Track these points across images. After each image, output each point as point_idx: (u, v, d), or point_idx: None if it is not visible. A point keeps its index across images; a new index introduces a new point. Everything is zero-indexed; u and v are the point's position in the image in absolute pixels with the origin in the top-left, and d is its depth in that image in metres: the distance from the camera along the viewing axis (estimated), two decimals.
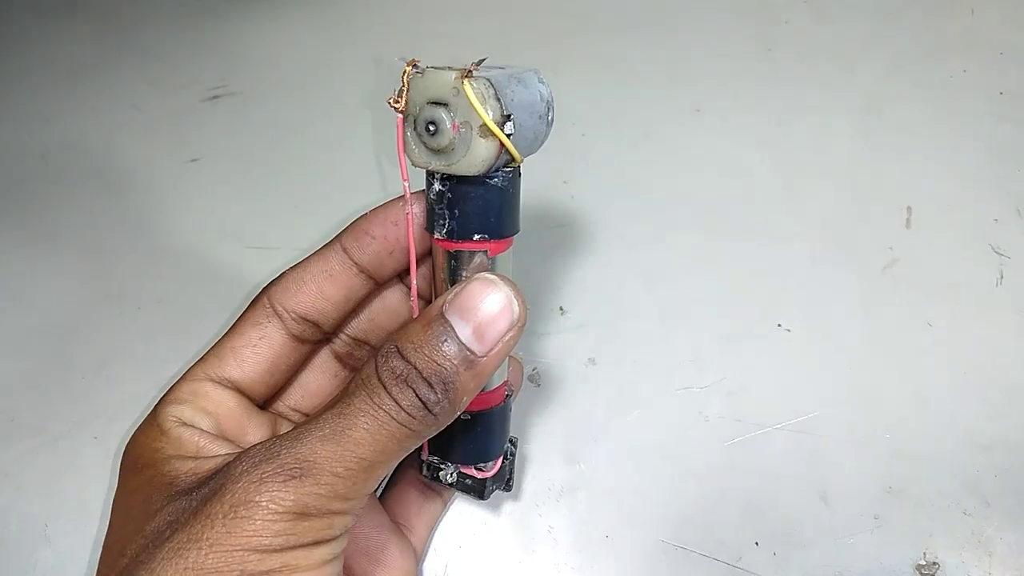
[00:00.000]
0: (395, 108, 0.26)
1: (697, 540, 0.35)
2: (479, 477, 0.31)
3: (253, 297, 0.30)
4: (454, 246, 0.27)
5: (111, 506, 0.27)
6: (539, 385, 0.40)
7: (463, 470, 0.31)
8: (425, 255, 0.29)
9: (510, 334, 0.26)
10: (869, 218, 0.44)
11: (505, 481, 0.33)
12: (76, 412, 0.40)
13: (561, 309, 0.42)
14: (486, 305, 0.25)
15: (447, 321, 0.25)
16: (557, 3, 0.52)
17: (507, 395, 0.31)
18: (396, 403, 0.24)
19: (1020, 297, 0.41)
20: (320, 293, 0.30)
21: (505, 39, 0.51)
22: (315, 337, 0.30)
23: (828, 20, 0.51)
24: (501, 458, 0.32)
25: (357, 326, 0.32)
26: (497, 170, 0.26)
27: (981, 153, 0.46)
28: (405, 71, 0.26)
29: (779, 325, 0.41)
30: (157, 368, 0.40)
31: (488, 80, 0.25)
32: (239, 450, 0.25)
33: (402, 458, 0.25)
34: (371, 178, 0.47)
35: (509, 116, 0.25)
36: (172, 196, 0.47)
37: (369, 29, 0.53)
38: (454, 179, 0.26)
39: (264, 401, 0.31)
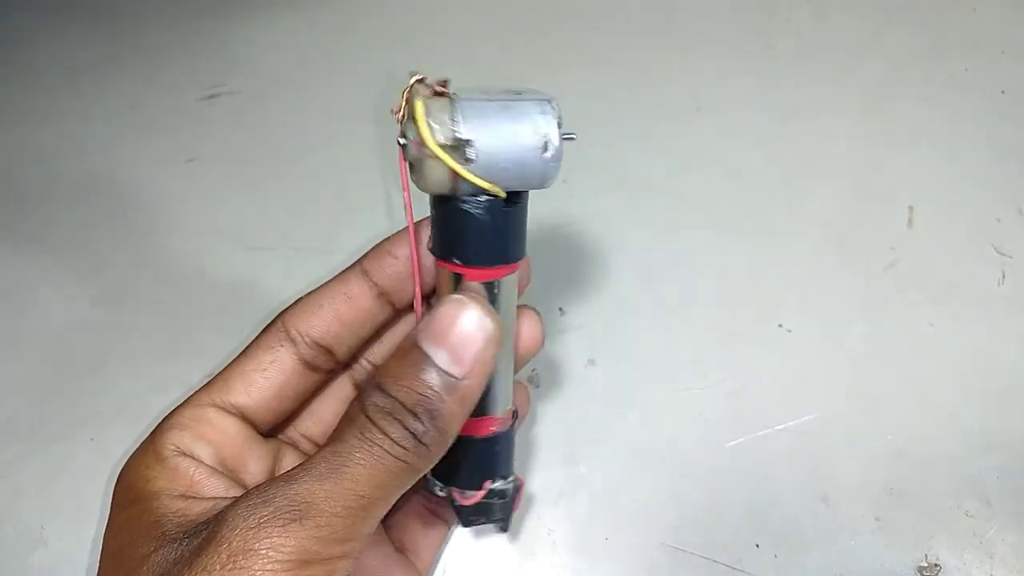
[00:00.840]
0: (396, 120, 0.26)
1: (697, 542, 0.35)
2: (458, 502, 0.30)
3: (263, 319, 0.30)
4: (437, 263, 0.28)
5: (102, 539, 0.26)
6: (538, 386, 0.39)
7: (450, 488, 0.31)
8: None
9: (488, 352, 0.25)
10: (871, 217, 0.44)
11: (497, 520, 0.32)
12: (73, 413, 0.40)
13: (561, 309, 0.42)
14: (458, 327, 0.25)
15: (421, 350, 0.25)
16: (557, 3, 0.52)
17: (495, 431, 0.30)
18: (387, 436, 0.24)
19: (1022, 297, 0.41)
20: (336, 316, 0.29)
21: (505, 39, 0.51)
22: (327, 366, 0.30)
23: (829, 18, 0.51)
24: (482, 493, 0.30)
25: (378, 351, 0.31)
26: (473, 195, 0.26)
27: (983, 152, 0.45)
28: (410, 85, 0.26)
29: (780, 325, 0.41)
30: (154, 369, 0.40)
31: (451, 101, 0.24)
32: (230, 494, 0.25)
33: (399, 495, 0.25)
34: (370, 178, 0.46)
35: (467, 141, 0.24)
36: (169, 196, 0.47)
37: (368, 29, 0.53)
38: (435, 195, 0.26)
39: (270, 429, 0.30)
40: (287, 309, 0.30)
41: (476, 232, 0.27)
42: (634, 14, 0.52)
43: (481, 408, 0.28)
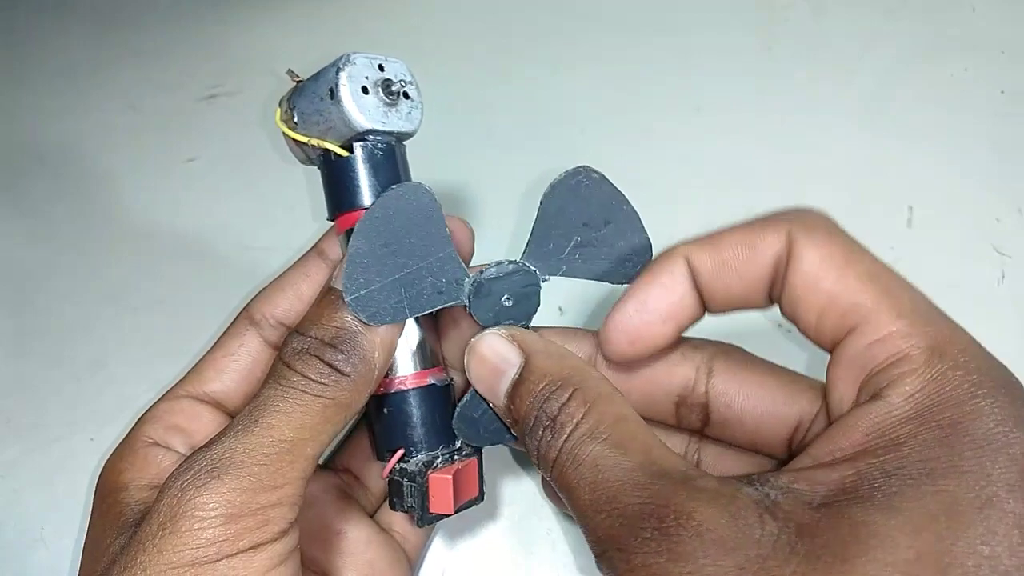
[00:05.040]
0: None
1: None
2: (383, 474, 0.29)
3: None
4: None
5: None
6: None
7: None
8: None
9: None
10: (870, 217, 0.44)
11: (410, 509, 0.28)
12: (72, 413, 0.40)
13: (560, 309, 0.42)
14: None
15: (336, 289, 0.26)
16: (557, 3, 0.52)
17: (395, 389, 0.28)
18: (303, 376, 0.24)
19: (1022, 297, 0.41)
20: (297, 296, 0.30)
21: (505, 39, 0.51)
22: None
23: (829, 18, 0.51)
24: (391, 463, 0.28)
25: None
26: (321, 155, 0.29)
27: (982, 152, 0.45)
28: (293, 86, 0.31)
29: (779, 325, 0.41)
30: (154, 369, 0.40)
31: (296, 85, 0.30)
32: None
33: (335, 432, 0.25)
34: None
35: (292, 107, 0.29)
36: (169, 196, 0.47)
37: (368, 28, 0.53)
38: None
39: None
40: (252, 299, 0.31)
41: (326, 182, 0.30)
42: (634, 14, 0.52)
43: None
